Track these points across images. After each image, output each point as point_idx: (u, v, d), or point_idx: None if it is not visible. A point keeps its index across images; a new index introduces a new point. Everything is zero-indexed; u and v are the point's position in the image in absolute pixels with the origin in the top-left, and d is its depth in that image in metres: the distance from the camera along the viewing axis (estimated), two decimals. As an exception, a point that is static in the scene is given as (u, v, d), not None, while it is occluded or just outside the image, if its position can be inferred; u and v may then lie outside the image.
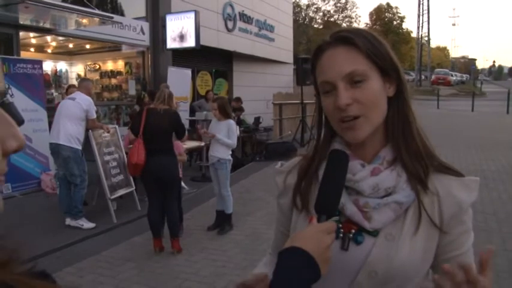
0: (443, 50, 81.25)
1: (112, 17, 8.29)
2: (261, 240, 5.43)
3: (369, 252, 1.04)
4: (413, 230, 1.04)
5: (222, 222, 5.86)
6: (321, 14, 50.19)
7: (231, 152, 5.92)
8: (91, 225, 5.92)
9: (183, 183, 8.04)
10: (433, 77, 44.58)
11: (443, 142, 12.81)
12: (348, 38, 1.02)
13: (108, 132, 6.45)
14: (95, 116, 5.99)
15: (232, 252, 5.12)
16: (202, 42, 11.68)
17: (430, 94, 33.11)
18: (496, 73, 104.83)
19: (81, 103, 5.95)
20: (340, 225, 1.08)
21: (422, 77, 43.54)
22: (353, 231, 1.07)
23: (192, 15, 11.16)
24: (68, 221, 5.92)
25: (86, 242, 5.50)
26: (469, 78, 58.37)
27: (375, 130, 1.06)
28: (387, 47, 1.06)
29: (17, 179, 7.47)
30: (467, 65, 79.07)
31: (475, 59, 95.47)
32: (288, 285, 0.86)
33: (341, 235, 1.07)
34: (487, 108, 23.40)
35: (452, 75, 48.33)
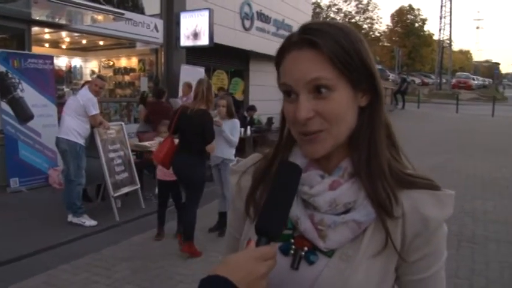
0: (466, 54, 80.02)
1: (123, 14, 8.27)
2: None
3: (320, 274, 0.93)
4: (371, 251, 0.93)
5: (224, 224, 5.77)
6: (342, 15, 50.00)
7: (234, 152, 5.84)
8: (93, 222, 5.88)
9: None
10: (454, 80, 43.87)
11: (460, 148, 12.57)
12: (314, 42, 0.89)
13: (108, 129, 6.38)
14: (93, 112, 5.92)
15: (232, 255, 5.02)
16: (218, 41, 11.62)
17: (449, 98, 32.58)
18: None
19: (79, 98, 5.93)
20: (292, 240, 0.97)
21: (443, 80, 42.90)
22: (306, 248, 0.95)
23: (206, 13, 11.12)
24: (70, 218, 5.89)
25: (86, 240, 5.45)
26: (491, 82, 57.35)
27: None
28: (362, 50, 0.92)
29: (25, 174, 7.52)
30: (490, 69, 77.58)
31: (498, 63, 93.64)
32: None
33: (292, 252, 0.96)
34: (508, 113, 22.88)
35: (473, 79, 47.51)
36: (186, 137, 5.02)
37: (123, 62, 12.44)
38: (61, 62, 11.90)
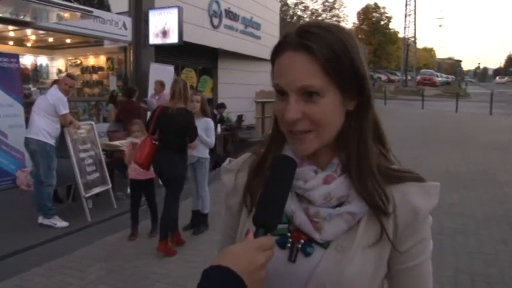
0: (429, 51, 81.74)
1: (92, 11, 8.15)
2: (237, 240, 5.35)
3: (317, 265, 0.97)
4: (366, 242, 0.97)
5: (198, 222, 5.77)
6: (308, 12, 50.28)
7: (208, 150, 5.84)
8: (64, 224, 5.79)
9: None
10: (419, 77, 44.84)
11: (426, 143, 12.88)
12: (310, 47, 0.92)
13: (78, 128, 6.30)
14: (63, 111, 5.83)
15: (206, 253, 5.03)
16: (187, 39, 11.56)
17: (415, 94, 33.33)
18: (481, 75, 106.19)
19: (49, 97, 5.82)
20: (289, 234, 1.00)
21: (408, 77, 43.77)
22: (302, 241, 0.99)
23: (175, 11, 11.04)
24: (41, 220, 5.79)
25: (58, 242, 5.37)
26: (454, 79, 58.84)
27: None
28: (356, 58, 0.95)
29: (-10, 176, 7.32)
30: (453, 66, 79.73)
31: (460, 61, 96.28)
32: None
33: (289, 245, 0.99)
34: (471, 110, 23.56)
35: (437, 76, 48.73)
36: (167, 136, 5.03)
37: (91, 61, 12.25)
38: (26, 60, 11.62)
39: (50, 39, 11.21)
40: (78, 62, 12.36)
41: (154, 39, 11.28)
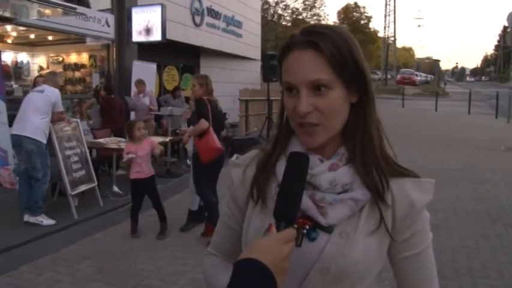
0: (408, 50, 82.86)
1: (75, 8, 8.06)
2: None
3: (322, 249, 1.03)
4: (367, 229, 1.04)
5: (187, 219, 5.79)
6: (289, 11, 50.42)
7: None
8: (51, 222, 5.74)
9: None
10: (399, 76, 45.46)
11: (407, 141, 13.06)
12: (317, 44, 1.00)
13: (70, 123, 6.28)
14: (62, 108, 5.87)
15: (195, 250, 5.06)
16: (169, 37, 11.52)
17: (395, 93, 33.78)
18: (459, 74, 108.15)
19: (50, 95, 5.77)
20: None
21: (388, 76, 44.28)
22: (307, 226, 1.04)
23: (158, 8, 11.00)
24: (27, 218, 5.71)
25: (45, 239, 5.32)
26: (433, 78, 59.73)
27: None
28: (358, 55, 1.04)
29: (-28, 174, 7.19)
30: (431, 65, 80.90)
31: (439, 60, 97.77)
32: None
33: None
34: (450, 108, 24.00)
35: (417, 75, 49.43)
36: (215, 127, 5.40)
37: (73, 58, 12.09)
38: (6, 57, 11.41)
39: (31, 36, 11.04)
40: (60, 59, 12.19)
41: (137, 36, 11.21)
